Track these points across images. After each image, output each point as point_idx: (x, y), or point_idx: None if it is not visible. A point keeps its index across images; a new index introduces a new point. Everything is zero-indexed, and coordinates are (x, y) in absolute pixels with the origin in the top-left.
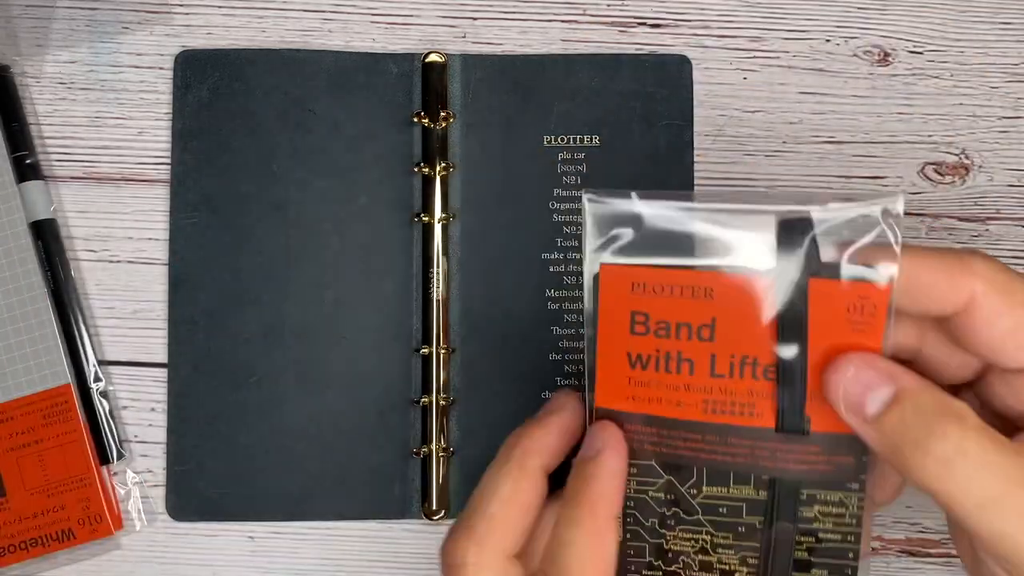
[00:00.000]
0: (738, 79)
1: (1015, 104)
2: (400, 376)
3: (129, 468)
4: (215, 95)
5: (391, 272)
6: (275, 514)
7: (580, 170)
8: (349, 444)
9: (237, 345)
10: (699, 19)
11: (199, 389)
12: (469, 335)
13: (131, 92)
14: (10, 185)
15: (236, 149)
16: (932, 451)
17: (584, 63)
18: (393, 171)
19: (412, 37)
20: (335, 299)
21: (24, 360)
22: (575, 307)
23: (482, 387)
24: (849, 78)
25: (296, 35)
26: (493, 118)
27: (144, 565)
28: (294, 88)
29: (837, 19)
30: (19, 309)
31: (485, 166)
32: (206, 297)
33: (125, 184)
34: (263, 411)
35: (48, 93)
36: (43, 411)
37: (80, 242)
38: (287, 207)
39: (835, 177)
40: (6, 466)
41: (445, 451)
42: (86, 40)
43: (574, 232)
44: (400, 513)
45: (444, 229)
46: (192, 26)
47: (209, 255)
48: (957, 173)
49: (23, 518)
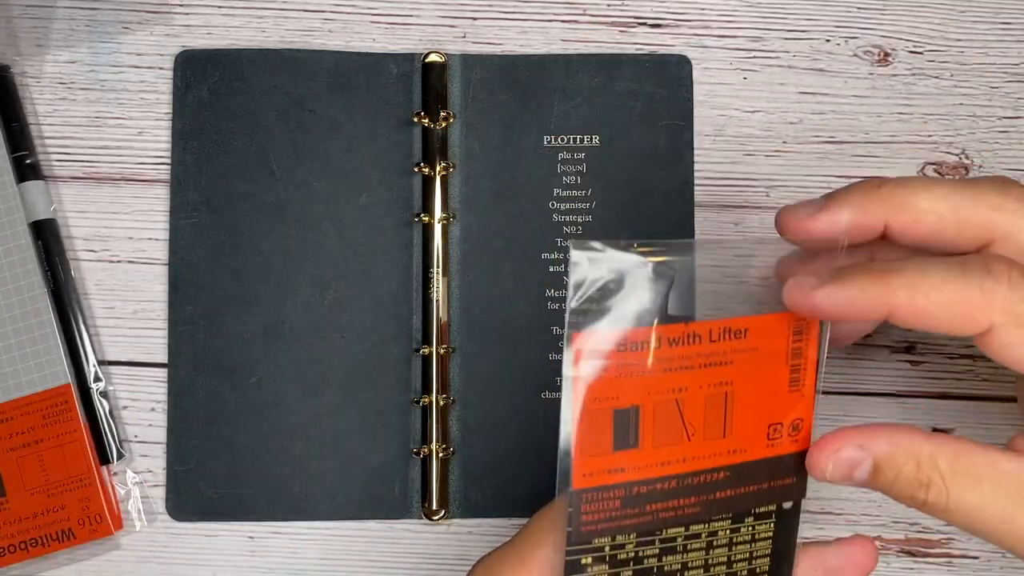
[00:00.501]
0: (738, 79)
1: (1015, 104)
2: (400, 376)
3: (129, 468)
4: (215, 95)
5: (391, 272)
6: (275, 514)
7: (580, 170)
8: (349, 444)
9: (237, 345)
10: (699, 19)
11: (199, 389)
12: (469, 335)
13: (131, 92)
14: (10, 185)
15: (236, 149)
16: (927, 503)
17: (584, 63)
18: (393, 171)
19: (412, 37)
20: (335, 299)
21: (24, 360)
22: None
23: (482, 387)
24: (849, 78)
25: (296, 35)
26: (493, 118)
27: (144, 565)
28: (294, 88)
29: (837, 19)
30: (19, 309)
31: (485, 166)
32: (206, 297)
33: (125, 184)
34: (263, 411)
35: (48, 93)
36: (43, 411)
37: (80, 242)
38: (287, 207)
39: (835, 177)
40: (6, 466)
41: (445, 451)
42: (86, 40)
43: (574, 232)
44: (400, 513)
45: (444, 229)
46: (192, 26)
47: (209, 255)
48: (957, 173)
49: (23, 518)
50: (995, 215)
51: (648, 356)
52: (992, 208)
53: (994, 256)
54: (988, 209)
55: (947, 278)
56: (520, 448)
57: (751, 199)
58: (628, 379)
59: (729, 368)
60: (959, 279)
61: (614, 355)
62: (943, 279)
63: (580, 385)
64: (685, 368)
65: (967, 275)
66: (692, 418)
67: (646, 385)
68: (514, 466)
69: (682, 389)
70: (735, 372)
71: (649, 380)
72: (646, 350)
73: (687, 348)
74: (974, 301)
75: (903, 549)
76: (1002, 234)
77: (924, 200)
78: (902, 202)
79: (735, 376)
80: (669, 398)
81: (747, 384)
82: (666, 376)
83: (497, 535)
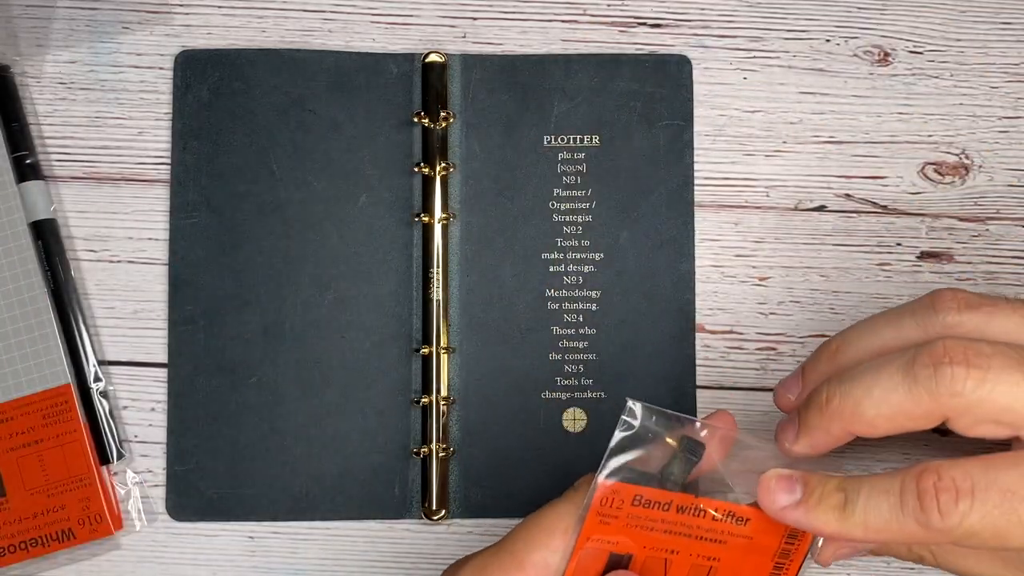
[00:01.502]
0: (738, 79)
1: (1015, 104)
2: (400, 376)
3: (129, 468)
4: (215, 95)
5: (391, 272)
6: (275, 514)
7: (580, 170)
8: (349, 444)
9: (237, 345)
10: (699, 19)
11: (199, 389)
12: (469, 335)
13: (131, 92)
14: (10, 185)
15: (236, 149)
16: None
17: (584, 63)
18: (393, 171)
19: (412, 37)
20: (335, 299)
21: (24, 360)
22: (575, 307)
23: (482, 387)
24: (849, 78)
25: (296, 35)
26: (493, 118)
27: (144, 565)
28: (294, 88)
29: (837, 19)
30: (19, 309)
31: (485, 166)
32: (206, 297)
33: (125, 184)
34: (263, 411)
35: (48, 93)
36: (43, 411)
37: (80, 242)
38: (287, 207)
39: (835, 177)
40: (6, 466)
41: (445, 451)
42: (86, 40)
43: (574, 232)
44: (400, 513)
45: (444, 229)
46: (192, 26)
47: (209, 255)
48: (957, 173)
49: (23, 518)
50: (942, 401)
51: (659, 517)
52: (933, 395)
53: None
54: (929, 397)
55: (890, 387)
56: (520, 448)
57: (751, 199)
58: (633, 530)
59: (721, 547)
60: (902, 386)
61: (628, 507)
62: (887, 389)
63: (593, 520)
64: (684, 535)
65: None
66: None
67: (646, 539)
68: (514, 466)
69: (674, 552)
70: (725, 552)
71: (650, 536)
72: (658, 511)
73: (692, 518)
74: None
75: None
76: (961, 406)
77: (869, 409)
78: (851, 416)
79: (724, 555)
80: (660, 555)
81: (732, 565)
82: (665, 537)
83: (497, 535)
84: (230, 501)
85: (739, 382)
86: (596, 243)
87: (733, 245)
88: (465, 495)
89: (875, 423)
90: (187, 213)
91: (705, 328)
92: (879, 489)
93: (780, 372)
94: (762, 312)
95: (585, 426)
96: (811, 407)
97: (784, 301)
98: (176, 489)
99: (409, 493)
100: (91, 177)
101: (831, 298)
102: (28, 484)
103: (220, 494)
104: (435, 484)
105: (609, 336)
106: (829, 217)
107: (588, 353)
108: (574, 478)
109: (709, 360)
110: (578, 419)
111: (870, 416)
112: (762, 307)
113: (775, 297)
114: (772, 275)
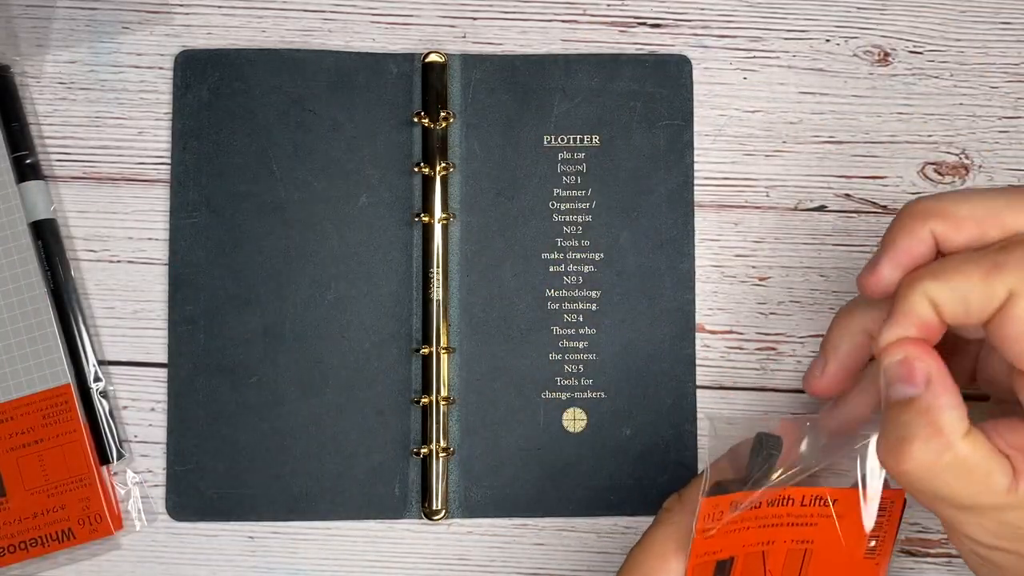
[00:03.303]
0: (738, 79)
1: (1015, 104)
2: (400, 376)
3: (129, 468)
4: (215, 95)
5: (391, 272)
6: (275, 514)
7: (580, 170)
8: (349, 444)
9: (237, 345)
10: (699, 19)
11: (199, 389)
12: (469, 335)
13: (131, 92)
14: (10, 185)
15: (236, 149)
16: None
17: (584, 63)
18: (393, 171)
19: (412, 37)
20: (335, 299)
21: (24, 360)
22: (575, 307)
23: (482, 387)
24: (849, 78)
25: (296, 35)
26: (493, 118)
27: (144, 565)
28: (294, 88)
29: (837, 19)
30: (19, 309)
31: (485, 166)
32: (206, 297)
33: (125, 184)
34: (263, 411)
35: (48, 93)
36: (43, 411)
37: (80, 242)
38: (287, 207)
39: (835, 177)
40: (6, 466)
41: (445, 451)
42: (86, 40)
43: (574, 232)
44: (400, 513)
45: (444, 229)
46: (192, 26)
47: (209, 255)
48: (957, 173)
49: (23, 518)
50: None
51: (752, 516)
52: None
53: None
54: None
55: (964, 258)
56: (520, 448)
57: (751, 199)
58: (733, 535)
59: (813, 529)
60: (972, 257)
61: (727, 516)
62: (960, 261)
63: (699, 538)
64: (776, 525)
65: (981, 254)
66: (773, 566)
67: (744, 539)
68: (514, 466)
69: (770, 542)
70: (818, 533)
71: (748, 535)
72: (751, 511)
73: (781, 508)
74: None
75: (903, 549)
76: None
77: (964, 208)
78: (943, 212)
79: (817, 537)
80: (758, 550)
81: (826, 546)
82: (760, 531)
83: (497, 535)
84: (230, 501)
85: (739, 382)
86: (596, 243)
87: (733, 245)
88: (465, 495)
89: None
90: (187, 213)
91: (705, 328)
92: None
93: (780, 372)
94: (762, 312)
95: (585, 426)
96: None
97: (784, 301)
98: (176, 489)
99: (409, 493)
100: (91, 177)
101: (831, 298)
102: (28, 484)
103: (220, 494)
104: (435, 484)
105: (609, 336)
106: (829, 217)
107: (588, 353)
108: (574, 478)
109: (709, 360)
110: (578, 419)
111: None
112: (762, 307)
113: (775, 297)
114: (772, 275)
